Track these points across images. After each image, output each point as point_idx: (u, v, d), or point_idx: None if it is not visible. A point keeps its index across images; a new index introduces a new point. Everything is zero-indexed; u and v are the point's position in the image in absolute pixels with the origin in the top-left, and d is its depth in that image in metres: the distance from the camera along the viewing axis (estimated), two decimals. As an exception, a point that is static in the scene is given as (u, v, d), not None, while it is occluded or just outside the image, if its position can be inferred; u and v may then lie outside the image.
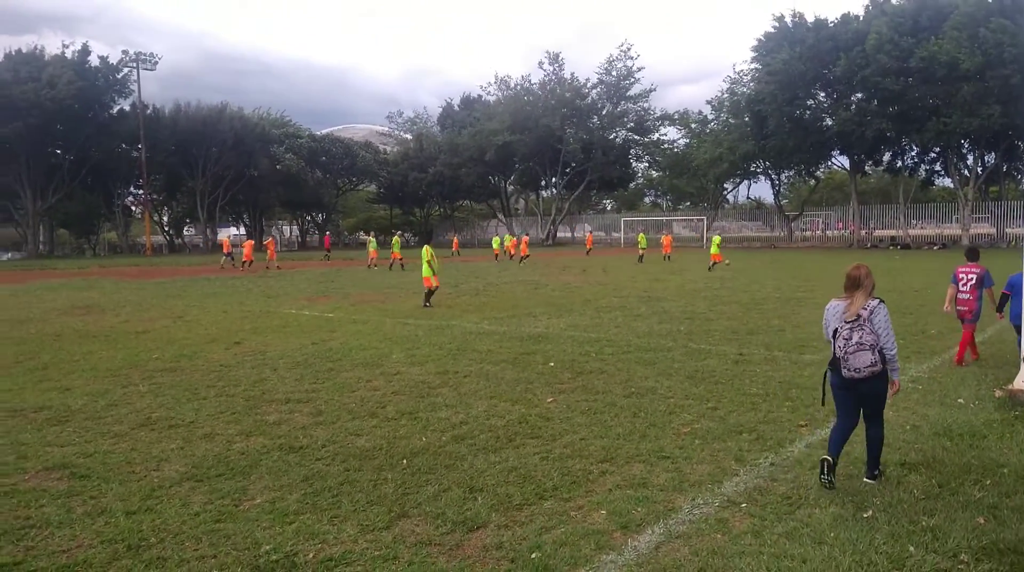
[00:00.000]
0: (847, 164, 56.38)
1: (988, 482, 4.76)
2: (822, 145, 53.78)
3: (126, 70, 56.10)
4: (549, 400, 7.17)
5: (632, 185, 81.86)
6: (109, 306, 17.19)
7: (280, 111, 72.11)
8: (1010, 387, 6.86)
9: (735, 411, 6.65)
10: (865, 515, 4.32)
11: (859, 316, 4.72)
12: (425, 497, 4.70)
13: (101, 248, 65.96)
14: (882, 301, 4.83)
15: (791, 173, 63.22)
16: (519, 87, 67.87)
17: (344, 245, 72.19)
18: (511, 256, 39.37)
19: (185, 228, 74.84)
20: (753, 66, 55.21)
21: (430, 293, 15.70)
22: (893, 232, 54.77)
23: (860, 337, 4.66)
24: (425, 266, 15.67)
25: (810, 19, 51.46)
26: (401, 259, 30.17)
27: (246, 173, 61.98)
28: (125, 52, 56.98)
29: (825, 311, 4.98)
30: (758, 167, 61.03)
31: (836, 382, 4.90)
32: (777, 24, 52.54)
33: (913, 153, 54.25)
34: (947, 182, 57.61)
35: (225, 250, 35.58)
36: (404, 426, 6.35)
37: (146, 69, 57.26)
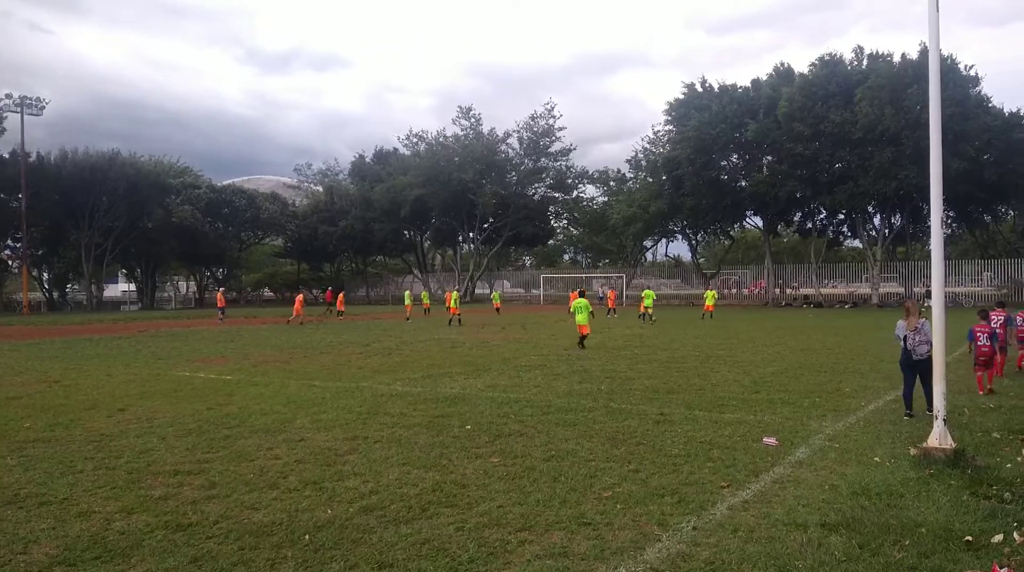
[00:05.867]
0: (761, 224, 58.43)
1: (907, 542, 4.82)
2: (737, 205, 55.12)
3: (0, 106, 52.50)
4: (478, 464, 6.86)
5: (551, 242, 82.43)
6: (-26, 368, 15.62)
7: (178, 158, 69.39)
8: (924, 445, 7.09)
9: (656, 473, 6.58)
10: (789, 579, 4.26)
11: (917, 327, 9.10)
12: (329, 577, 4.42)
13: (-29, 306, 60.43)
14: (926, 318, 8.74)
15: (707, 232, 64.77)
16: (434, 141, 67.09)
17: (247, 302, 69.10)
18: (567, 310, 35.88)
19: (69, 285, 69.58)
20: (668, 128, 56.64)
21: (584, 338, 18.76)
22: (806, 291, 56.51)
23: (920, 338, 9.01)
24: (584, 315, 18.88)
25: (720, 85, 53.56)
26: (459, 314, 30.78)
27: (138, 224, 58.81)
28: (8, 95, 53.62)
29: (897, 326, 9.45)
30: (675, 226, 62.06)
31: (905, 362, 9.20)
32: (687, 91, 54.71)
33: (822, 215, 56.59)
34: (856, 243, 60.36)
35: (220, 305, 38.28)
36: (308, 497, 5.97)
37: (31, 114, 54.16)
